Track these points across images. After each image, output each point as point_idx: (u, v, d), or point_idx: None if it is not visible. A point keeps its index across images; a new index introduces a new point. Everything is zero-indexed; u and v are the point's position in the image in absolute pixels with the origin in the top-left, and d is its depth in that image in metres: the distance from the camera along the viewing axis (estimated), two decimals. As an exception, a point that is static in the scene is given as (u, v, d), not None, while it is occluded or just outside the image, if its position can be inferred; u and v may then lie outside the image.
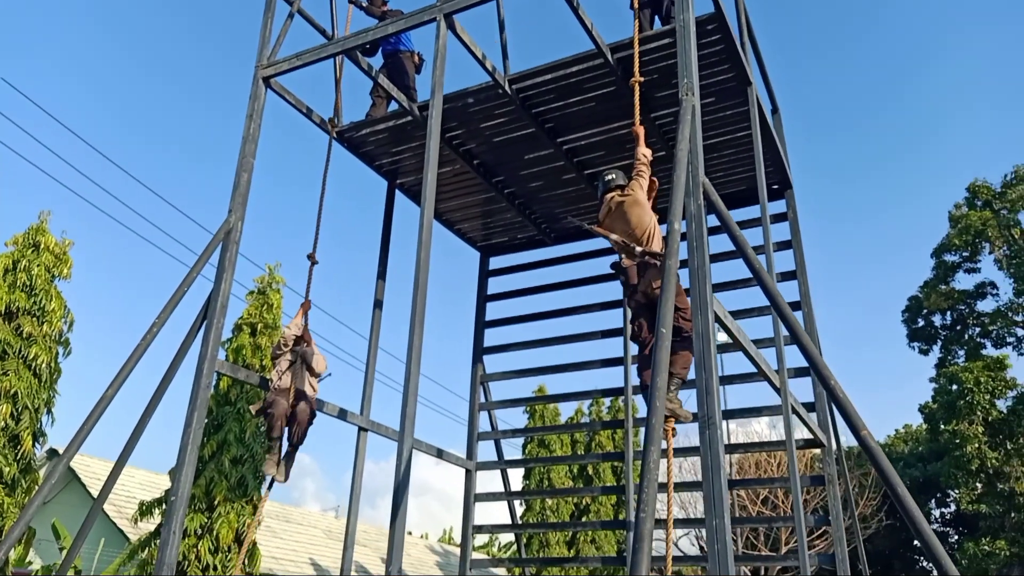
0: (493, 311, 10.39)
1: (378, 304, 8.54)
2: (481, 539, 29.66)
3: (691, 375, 5.43)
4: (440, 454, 8.91)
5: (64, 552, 9.95)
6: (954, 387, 22.42)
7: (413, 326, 5.45)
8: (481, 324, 10.26)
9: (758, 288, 8.59)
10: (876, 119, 62.91)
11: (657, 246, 5.35)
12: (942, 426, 22.78)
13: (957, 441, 21.53)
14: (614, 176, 5.77)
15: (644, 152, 5.60)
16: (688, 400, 5.87)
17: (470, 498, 9.50)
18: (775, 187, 8.53)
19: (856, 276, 56.53)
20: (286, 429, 6.79)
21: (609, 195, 5.69)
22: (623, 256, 5.59)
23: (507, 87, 7.43)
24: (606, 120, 7.88)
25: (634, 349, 8.16)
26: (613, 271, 5.93)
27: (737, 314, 8.22)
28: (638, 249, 5.38)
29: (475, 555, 9.41)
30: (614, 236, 5.49)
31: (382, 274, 8.67)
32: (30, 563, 12.24)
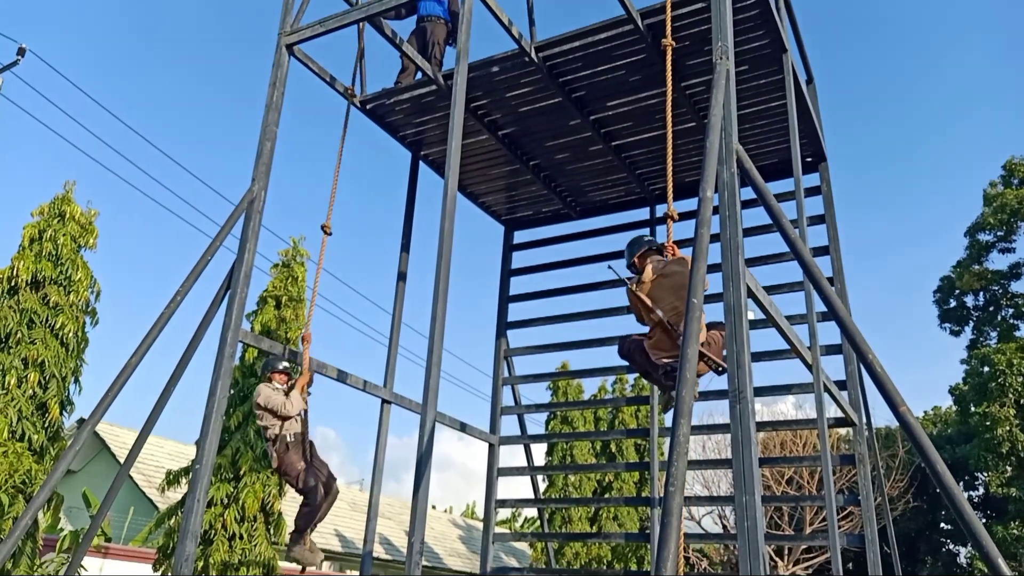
0: (517, 286, 10.29)
1: (402, 276, 8.47)
2: (503, 515, 29.86)
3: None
4: (463, 427, 8.87)
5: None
6: (986, 369, 22.02)
7: (437, 296, 5.36)
8: (505, 298, 10.16)
9: (779, 266, 8.44)
10: (903, 100, 61.55)
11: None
12: (972, 408, 22.43)
13: (988, 423, 21.18)
14: (651, 243, 5.18)
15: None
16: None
17: (493, 472, 9.47)
18: (808, 159, 8.31)
19: (881, 256, 55.68)
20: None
21: (655, 258, 5.10)
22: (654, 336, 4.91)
23: (534, 55, 7.26)
24: (636, 89, 7.69)
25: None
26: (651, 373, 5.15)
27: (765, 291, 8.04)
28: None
29: (497, 530, 9.40)
30: (659, 312, 4.85)
31: (406, 247, 8.58)
32: (61, 529, 12.48)
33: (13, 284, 8.95)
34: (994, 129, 51.14)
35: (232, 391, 10.97)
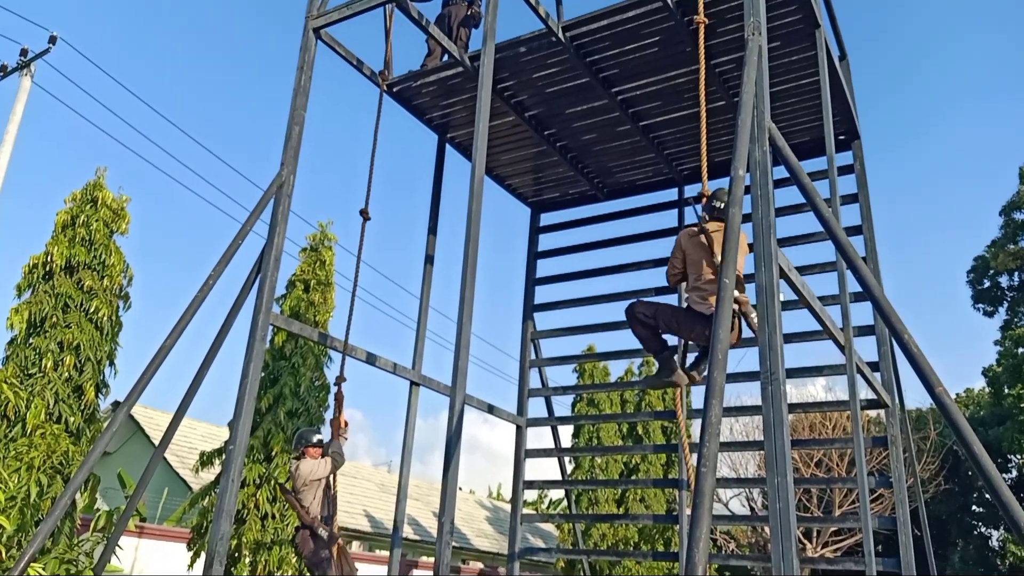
0: (544, 268, 10.27)
1: (429, 259, 8.49)
2: (530, 496, 30.02)
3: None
4: (491, 409, 8.90)
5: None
6: (1020, 350, 21.68)
7: (465, 278, 5.37)
8: (532, 281, 10.15)
9: (806, 246, 8.29)
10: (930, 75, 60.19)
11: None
12: (1006, 390, 22.09)
13: (1022, 405, 20.86)
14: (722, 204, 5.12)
15: None
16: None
17: (521, 454, 9.50)
18: (841, 137, 8.16)
19: (915, 239, 54.75)
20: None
21: (715, 224, 5.10)
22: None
23: (561, 35, 7.19)
24: (664, 68, 7.60)
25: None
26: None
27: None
28: (736, 295, 4.74)
29: (524, 511, 9.45)
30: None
31: (433, 229, 8.59)
32: (97, 509, 12.75)
33: (48, 269, 9.09)
34: (1030, 105, 49.90)
35: (263, 373, 11.10)
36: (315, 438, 6.51)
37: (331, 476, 6.51)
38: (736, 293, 4.77)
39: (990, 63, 56.90)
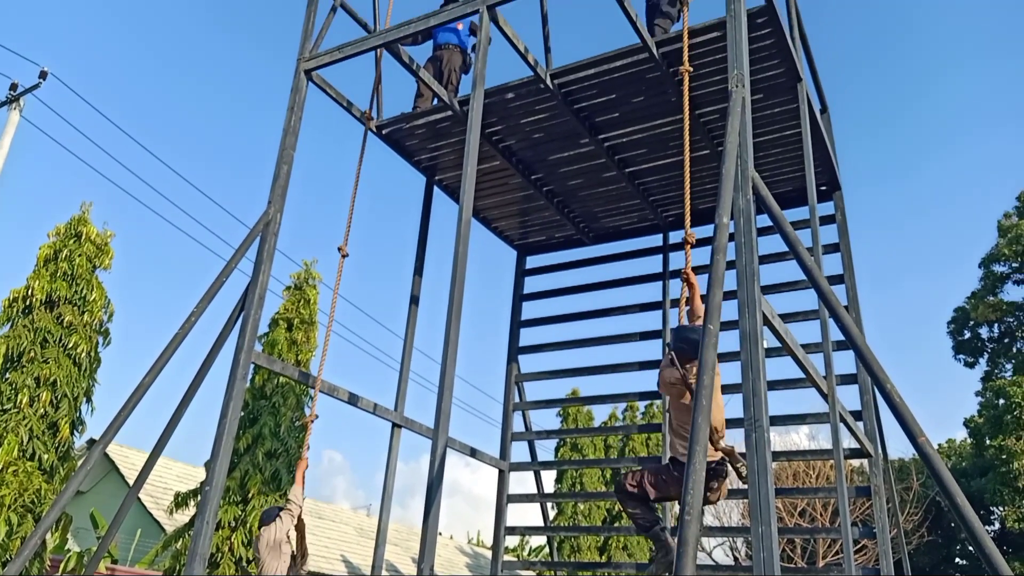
0: (529, 311, 10.27)
1: (414, 300, 8.48)
2: (511, 542, 29.57)
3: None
4: (473, 453, 8.81)
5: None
6: (1001, 401, 21.78)
7: (450, 321, 5.35)
8: (516, 323, 10.14)
9: (789, 294, 8.36)
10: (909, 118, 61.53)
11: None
12: (988, 441, 22.14)
13: (1003, 457, 20.90)
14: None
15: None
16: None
17: (503, 499, 9.38)
18: (823, 188, 8.30)
19: (896, 285, 55.39)
20: None
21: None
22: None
23: (549, 82, 7.31)
24: (650, 117, 7.72)
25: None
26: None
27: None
28: (722, 443, 4.70)
29: (505, 557, 9.30)
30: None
31: (419, 270, 8.60)
32: (68, 550, 12.42)
33: (28, 303, 9.01)
34: (1007, 150, 51.07)
35: (242, 413, 10.96)
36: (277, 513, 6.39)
37: (299, 533, 6.28)
38: (723, 444, 4.71)
39: (988, 93, 58.35)
